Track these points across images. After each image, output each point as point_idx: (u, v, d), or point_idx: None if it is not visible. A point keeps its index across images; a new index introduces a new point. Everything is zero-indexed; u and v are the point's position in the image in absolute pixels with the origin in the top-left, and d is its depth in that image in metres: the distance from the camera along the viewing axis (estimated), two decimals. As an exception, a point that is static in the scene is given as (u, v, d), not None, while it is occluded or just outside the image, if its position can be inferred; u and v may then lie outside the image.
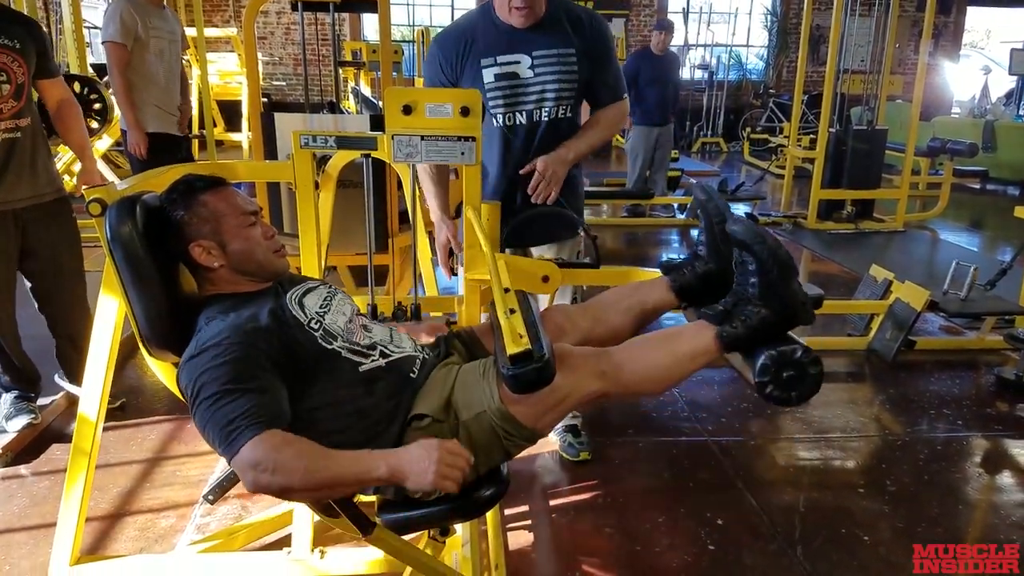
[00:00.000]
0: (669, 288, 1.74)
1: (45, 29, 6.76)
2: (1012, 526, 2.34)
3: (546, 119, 2.23)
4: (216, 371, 1.30)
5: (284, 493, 1.26)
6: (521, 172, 2.22)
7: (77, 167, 5.50)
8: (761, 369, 1.47)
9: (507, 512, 2.34)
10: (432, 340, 1.75)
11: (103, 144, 5.32)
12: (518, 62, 2.17)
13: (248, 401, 1.28)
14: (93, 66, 6.43)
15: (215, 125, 8.17)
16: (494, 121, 2.22)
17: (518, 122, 2.23)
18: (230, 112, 9.49)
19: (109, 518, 2.28)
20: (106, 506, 2.34)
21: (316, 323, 1.49)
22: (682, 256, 1.82)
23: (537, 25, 2.16)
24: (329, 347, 1.46)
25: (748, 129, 11.48)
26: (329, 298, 1.60)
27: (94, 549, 2.13)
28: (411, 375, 1.52)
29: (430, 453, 1.26)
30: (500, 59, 2.16)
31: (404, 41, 11.62)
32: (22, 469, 2.55)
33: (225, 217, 1.49)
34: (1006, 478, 2.68)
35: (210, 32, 9.76)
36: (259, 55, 9.58)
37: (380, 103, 3.47)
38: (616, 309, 1.75)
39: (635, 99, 6.46)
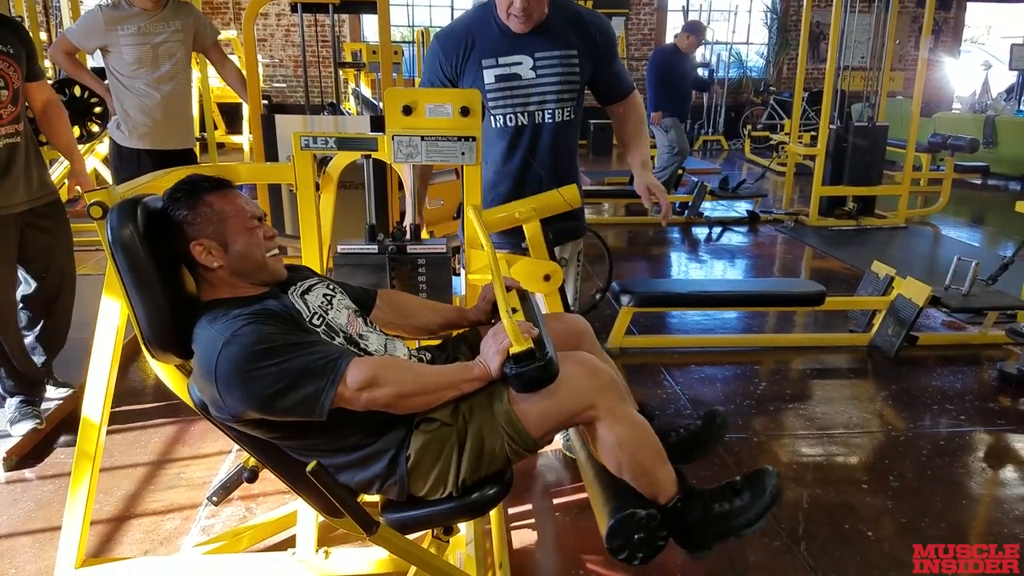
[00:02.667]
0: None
1: (44, 33, 6.81)
2: (1016, 520, 2.34)
3: (549, 121, 2.23)
4: (266, 336, 1.34)
5: (400, 400, 1.37)
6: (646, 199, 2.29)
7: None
8: (626, 520, 1.44)
9: (511, 511, 2.35)
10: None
11: (104, 148, 5.32)
12: (520, 63, 2.17)
13: (321, 343, 1.39)
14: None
15: (216, 128, 8.18)
16: (493, 122, 2.22)
17: (519, 123, 2.23)
18: (231, 115, 9.49)
19: (114, 521, 2.29)
20: (111, 509, 2.35)
21: (319, 318, 1.50)
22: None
23: (540, 26, 2.16)
24: (333, 341, 1.47)
25: (749, 127, 11.47)
26: (330, 296, 1.61)
27: (99, 552, 2.14)
28: None
29: (495, 339, 1.40)
30: (502, 60, 2.16)
31: (404, 42, 11.63)
32: (27, 473, 2.56)
33: (229, 218, 1.49)
34: (1009, 472, 2.68)
35: (210, 35, 9.75)
36: (259, 57, 9.58)
37: (380, 104, 3.47)
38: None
39: (670, 93, 6.49)
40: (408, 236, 2.02)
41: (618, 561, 1.45)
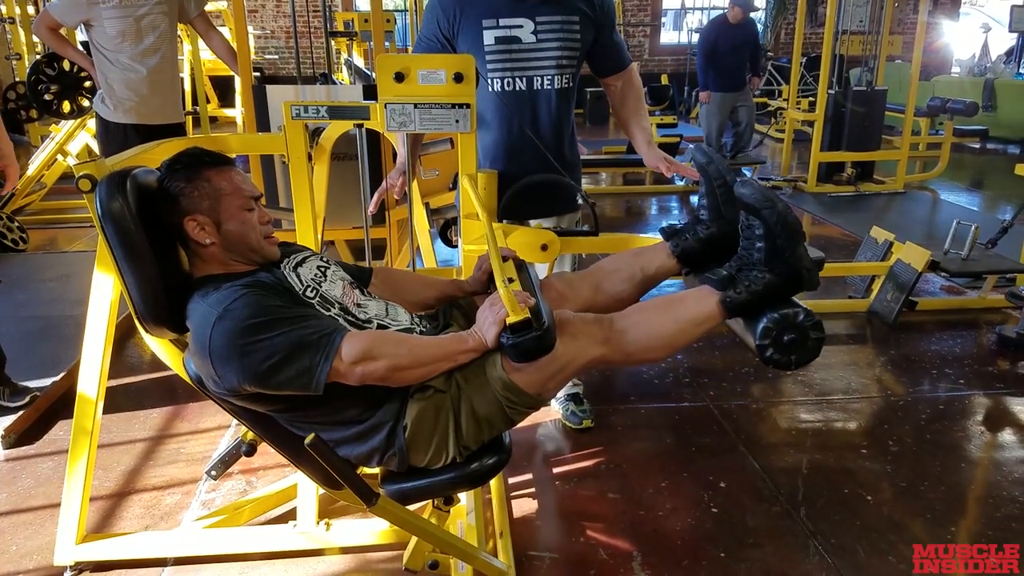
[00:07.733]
0: (670, 254, 1.73)
1: (32, 7, 6.70)
2: (1014, 483, 2.35)
3: (548, 87, 2.20)
4: (259, 309, 1.33)
5: (395, 373, 1.36)
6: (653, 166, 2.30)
7: (70, 146, 5.47)
8: (762, 332, 1.46)
9: (511, 480, 2.35)
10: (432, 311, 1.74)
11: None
12: (521, 26, 2.13)
13: (316, 317, 1.38)
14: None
15: (208, 101, 8.09)
16: (490, 86, 2.18)
17: (517, 88, 2.19)
18: (223, 88, 9.38)
19: (114, 497, 2.29)
20: (111, 485, 2.35)
21: (312, 291, 1.49)
22: (682, 221, 1.80)
23: None
24: (327, 313, 1.45)
25: (746, 93, 11.35)
26: (324, 269, 1.59)
27: (100, 528, 2.14)
28: None
29: (492, 309, 1.38)
30: (503, 21, 2.12)
31: (397, 10, 11.47)
32: (26, 450, 2.55)
33: (226, 196, 1.47)
34: (1008, 435, 2.69)
35: (200, 7, 9.60)
36: (250, 28, 9.44)
37: (373, 74, 3.42)
38: (617, 276, 1.74)
39: (714, 66, 6.63)
40: None
41: (778, 368, 1.49)
